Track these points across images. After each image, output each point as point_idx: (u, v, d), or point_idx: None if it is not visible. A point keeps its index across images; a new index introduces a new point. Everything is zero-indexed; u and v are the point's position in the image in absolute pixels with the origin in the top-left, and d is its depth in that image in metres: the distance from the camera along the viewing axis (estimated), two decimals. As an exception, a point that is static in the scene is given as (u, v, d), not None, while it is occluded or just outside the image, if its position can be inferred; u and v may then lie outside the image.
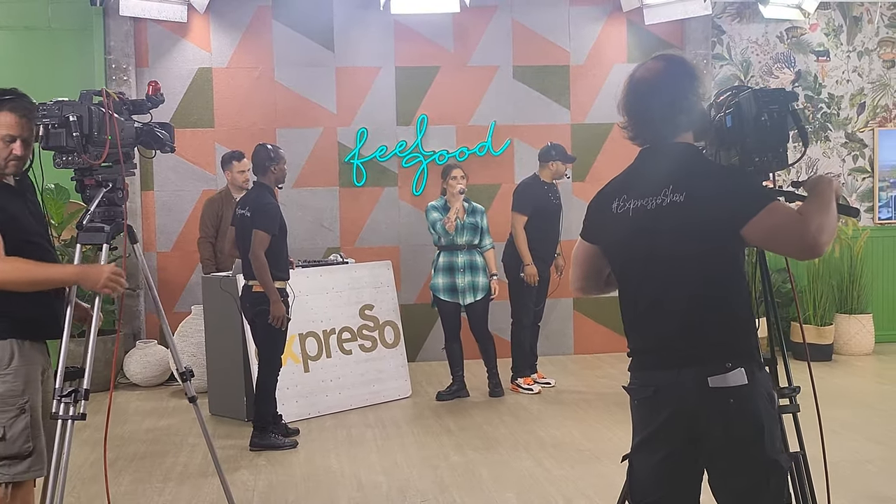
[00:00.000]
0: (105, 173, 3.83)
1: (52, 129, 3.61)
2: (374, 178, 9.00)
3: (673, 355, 2.69)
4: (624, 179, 2.89)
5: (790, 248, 2.61)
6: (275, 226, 6.00)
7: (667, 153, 2.79)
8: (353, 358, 7.34)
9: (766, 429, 2.64)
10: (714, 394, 2.61)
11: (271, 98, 8.86)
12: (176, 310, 8.66)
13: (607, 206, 2.87)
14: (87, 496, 5.22)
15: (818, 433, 3.13)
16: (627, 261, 2.85)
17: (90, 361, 3.69)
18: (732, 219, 2.60)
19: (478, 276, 7.32)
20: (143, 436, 6.55)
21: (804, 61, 9.52)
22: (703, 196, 2.64)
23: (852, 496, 4.96)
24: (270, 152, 6.13)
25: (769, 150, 2.89)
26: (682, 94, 2.76)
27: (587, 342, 9.28)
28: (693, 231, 2.65)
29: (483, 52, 9.13)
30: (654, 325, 2.77)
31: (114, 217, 3.88)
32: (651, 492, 2.80)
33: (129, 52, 8.55)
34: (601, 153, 9.23)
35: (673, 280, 2.70)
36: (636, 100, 2.82)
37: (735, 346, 2.66)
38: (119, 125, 3.79)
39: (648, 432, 2.77)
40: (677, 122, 2.77)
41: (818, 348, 8.72)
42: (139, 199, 8.64)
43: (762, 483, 2.64)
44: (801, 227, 2.55)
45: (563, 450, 5.99)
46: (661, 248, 2.71)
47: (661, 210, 2.70)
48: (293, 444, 6.18)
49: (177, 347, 7.77)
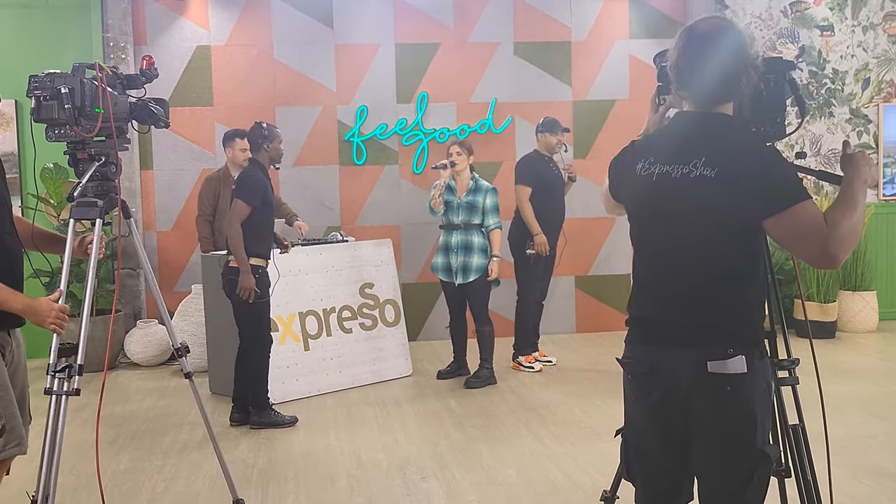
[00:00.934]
0: (98, 147, 3.80)
1: (44, 102, 3.58)
2: (374, 156, 8.96)
3: (674, 333, 2.63)
4: (653, 141, 2.78)
5: (807, 256, 2.50)
6: (255, 198, 5.91)
7: (704, 121, 2.65)
8: (354, 336, 7.32)
9: (758, 419, 2.59)
10: (711, 378, 2.56)
11: (270, 76, 8.80)
12: (176, 289, 8.65)
13: (631, 165, 2.75)
14: (87, 474, 5.22)
15: (819, 409, 3.10)
16: (644, 226, 2.75)
17: (84, 337, 3.67)
18: (758, 206, 2.49)
19: (471, 256, 7.08)
20: (143, 414, 6.55)
21: (808, 36, 9.43)
22: (735, 175, 2.51)
23: (853, 470, 4.94)
24: (264, 130, 6.08)
25: (766, 120, 2.83)
26: (738, 59, 2.59)
27: (589, 320, 9.26)
28: (717, 210, 2.54)
29: (483, 29, 9.06)
30: (659, 296, 2.69)
31: (107, 192, 3.84)
32: (642, 467, 2.78)
33: (126, 29, 8.49)
34: (603, 130, 9.17)
35: (686, 255, 2.62)
36: (696, 50, 2.61)
37: (739, 333, 2.59)
38: (112, 99, 3.75)
39: (641, 408, 2.74)
40: (726, 87, 2.61)
41: (821, 325, 8.68)
42: (139, 178, 8.61)
43: (748, 473, 2.60)
44: (825, 238, 2.44)
45: (563, 427, 5.97)
46: (681, 220, 2.61)
47: (687, 180, 2.57)
48: (292, 419, 6.17)
49: (175, 326, 7.79)
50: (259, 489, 4.93)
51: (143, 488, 4.98)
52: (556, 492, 4.79)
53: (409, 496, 4.78)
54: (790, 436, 3.00)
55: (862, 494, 4.62)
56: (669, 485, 2.77)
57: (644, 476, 2.79)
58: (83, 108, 3.64)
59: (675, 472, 2.74)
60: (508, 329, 7.84)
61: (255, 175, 6.01)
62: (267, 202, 6.03)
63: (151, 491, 4.94)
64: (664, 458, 2.73)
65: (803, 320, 8.28)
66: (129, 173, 8.49)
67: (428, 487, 4.90)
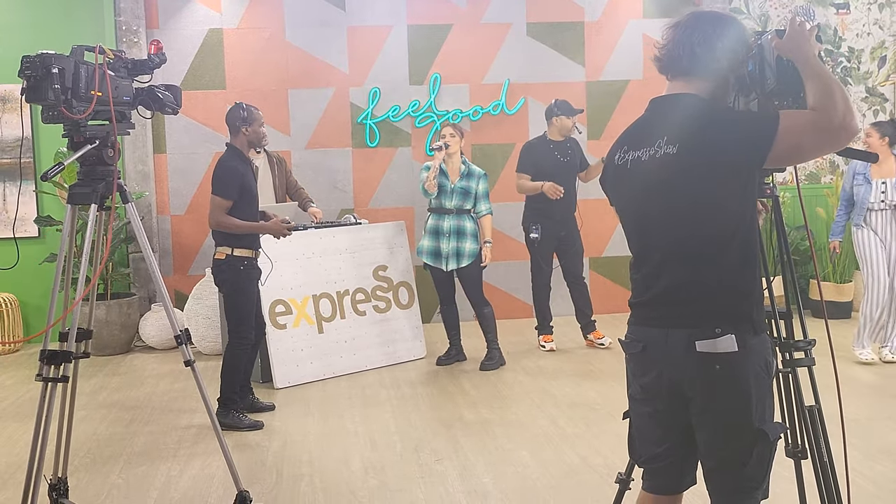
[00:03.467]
0: (93, 130, 3.76)
1: (34, 82, 3.53)
2: (387, 138, 8.94)
3: (663, 314, 2.64)
4: (629, 130, 2.82)
5: (822, 145, 2.50)
6: (232, 191, 5.60)
7: (669, 102, 2.70)
8: (368, 319, 7.32)
9: (753, 397, 2.56)
10: (701, 358, 2.55)
11: (283, 58, 8.78)
12: (190, 273, 8.69)
13: (612, 157, 2.82)
14: (102, 457, 5.24)
15: (835, 389, 3.08)
16: (626, 213, 2.80)
17: (74, 324, 3.71)
18: (751, 152, 2.48)
19: (464, 242, 7.03)
20: (158, 398, 6.57)
21: (823, 14, 9.34)
22: (701, 145, 2.53)
23: (869, 449, 4.92)
24: (243, 112, 5.77)
25: (790, 93, 2.79)
26: (719, 36, 2.63)
27: (604, 302, 9.21)
28: (685, 184, 2.55)
29: (496, 9, 9.01)
30: (647, 280, 2.70)
31: (104, 176, 3.81)
32: (646, 448, 2.80)
33: (139, 13, 8.48)
34: (617, 110, 9.12)
35: (665, 236, 2.63)
36: (682, 30, 2.67)
37: (727, 311, 2.56)
38: (112, 82, 3.71)
39: (639, 386, 2.76)
40: (695, 60, 2.64)
41: (837, 305, 8.64)
42: (151, 162, 8.61)
43: (746, 451, 2.58)
44: (823, 117, 2.44)
45: (577, 409, 5.96)
46: (655, 202, 2.64)
47: (653, 161, 2.63)
48: (253, 424, 5.75)
49: (189, 310, 7.82)
50: (274, 472, 4.94)
51: (158, 471, 5.00)
52: (570, 474, 4.78)
53: (423, 478, 4.78)
54: (806, 417, 2.98)
55: (878, 475, 4.60)
56: (668, 465, 2.77)
57: (644, 454, 2.81)
58: (77, 90, 3.60)
59: (673, 452, 2.74)
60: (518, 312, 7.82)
61: (229, 165, 5.68)
62: (245, 191, 5.69)
63: (167, 474, 4.96)
64: (661, 437, 2.74)
65: (818, 300, 8.23)
66: (142, 157, 8.50)
67: (442, 469, 4.90)
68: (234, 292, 5.77)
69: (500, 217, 8.95)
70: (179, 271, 8.72)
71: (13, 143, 8.32)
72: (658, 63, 2.75)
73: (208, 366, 7.25)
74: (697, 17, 2.69)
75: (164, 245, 8.73)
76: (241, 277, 5.76)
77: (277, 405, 6.21)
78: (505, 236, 9.00)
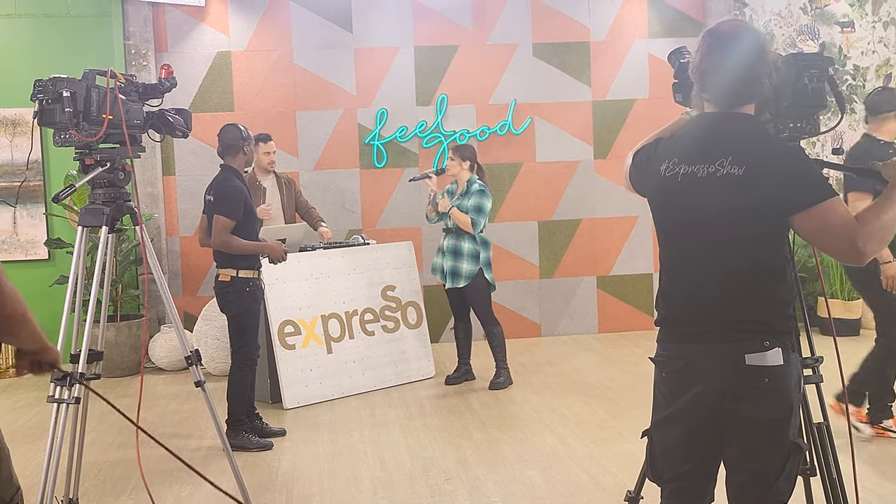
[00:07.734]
0: (105, 153, 3.80)
1: (46, 105, 3.58)
2: (394, 158, 8.98)
3: (709, 330, 2.64)
4: (676, 142, 2.78)
5: (834, 250, 2.54)
6: (237, 211, 5.62)
7: (727, 121, 2.67)
8: (376, 339, 7.34)
9: (794, 411, 2.61)
10: (750, 371, 2.57)
11: (290, 80, 8.85)
12: (199, 294, 8.71)
13: (656, 165, 2.76)
14: (113, 478, 5.26)
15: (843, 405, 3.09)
16: (670, 226, 2.77)
17: (85, 346, 3.73)
18: (787, 203, 2.52)
19: (461, 262, 7.01)
20: (169, 418, 6.59)
21: (828, 33, 9.38)
22: (763, 173, 2.53)
23: (880, 468, 4.90)
24: (242, 132, 5.79)
25: (805, 115, 2.82)
26: (760, 60, 2.62)
27: (611, 321, 9.23)
28: (747, 207, 2.56)
29: (502, 30, 9.07)
30: (691, 296, 2.69)
31: (115, 199, 3.85)
32: (670, 467, 2.77)
33: (148, 37, 8.56)
34: (623, 130, 9.15)
35: (716, 254, 2.63)
36: (718, 52, 2.64)
37: (773, 326, 2.60)
38: (124, 106, 3.76)
39: (675, 407, 2.72)
40: (748, 88, 2.63)
41: (845, 323, 8.62)
42: (160, 184, 8.67)
43: (781, 464, 2.61)
44: (852, 233, 2.46)
45: (586, 427, 5.96)
46: (708, 219, 2.63)
47: (713, 179, 2.60)
48: (263, 445, 5.77)
49: (199, 331, 7.84)
50: (283, 492, 4.95)
51: (169, 492, 5.02)
52: (579, 492, 4.78)
53: (433, 498, 4.79)
54: (815, 434, 2.99)
55: (889, 493, 4.58)
56: (694, 485, 2.76)
57: (670, 476, 2.78)
58: (88, 113, 3.64)
59: (702, 472, 2.74)
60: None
61: (233, 185, 5.69)
62: (248, 211, 5.72)
63: (177, 495, 4.97)
64: (693, 457, 2.72)
65: (826, 318, 8.22)
66: (151, 179, 8.56)
67: (452, 489, 4.91)
68: (240, 314, 5.78)
69: (507, 237, 8.98)
70: (188, 292, 8.75)
71: (23, 167, 8.38)
72: (700, 80, 2.69)
73: (217, 387, 7.25)
74: (739, 35, 2.65)
75: (173, 266, 8.77)
76: (247, 299, 5.77)
77: (287, 426, 6.22)
78: (512, 255, 9.03)
